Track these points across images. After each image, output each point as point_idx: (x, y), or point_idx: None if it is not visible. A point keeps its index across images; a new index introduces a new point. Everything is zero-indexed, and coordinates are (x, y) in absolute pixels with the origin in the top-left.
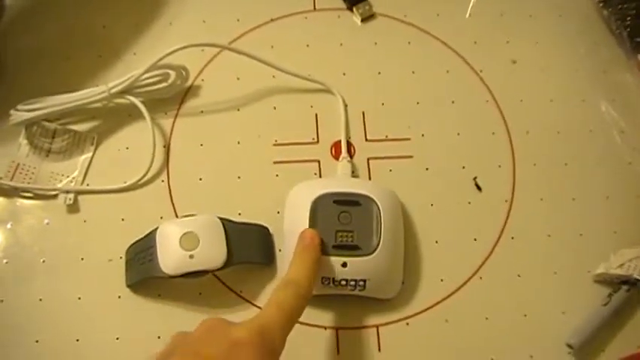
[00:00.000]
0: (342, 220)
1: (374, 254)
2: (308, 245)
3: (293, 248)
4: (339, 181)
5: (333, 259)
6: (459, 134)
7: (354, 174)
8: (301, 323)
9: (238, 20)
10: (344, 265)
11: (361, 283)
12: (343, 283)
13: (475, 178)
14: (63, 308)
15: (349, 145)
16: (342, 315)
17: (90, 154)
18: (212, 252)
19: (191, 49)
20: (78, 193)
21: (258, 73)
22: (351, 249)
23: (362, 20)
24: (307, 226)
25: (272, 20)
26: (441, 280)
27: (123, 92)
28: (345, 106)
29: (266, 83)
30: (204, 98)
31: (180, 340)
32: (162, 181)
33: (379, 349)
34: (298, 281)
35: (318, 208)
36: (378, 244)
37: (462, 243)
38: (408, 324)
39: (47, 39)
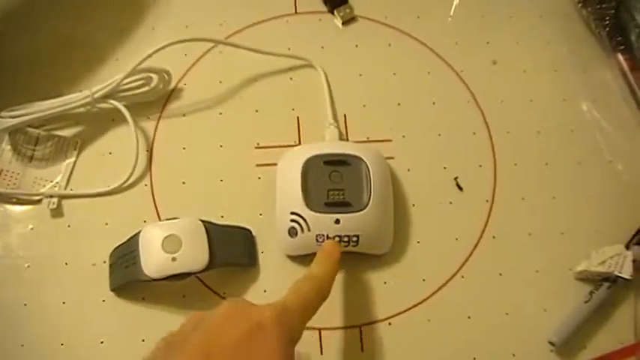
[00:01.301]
0: (333, 179)
1: (365, 210)
2: (332, 251)
3: (285, 217)
4: (327, 144)
5: (326, 216)
6: (440, 135)
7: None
8: None
9: (221, 25)
10: (337, 221)
11: (354, 238)
12: (337, 239)
13: (456, 178)
14: (48, 313)
15: None
16: (325, 315)
17: (73, 159)
18: (194, 254)
19: (174, 53)
20: (61, 197)
21: (240, 76)
22: (343, 206)
23: (343, 23)
24: (300, 188)
25: (254, 24)
26: (423, 280)
27: (106, 97)
28: (327, 77)
29: (248, 86)
30: (187, 102)
31: (199, 318)
32: (146, 185)
33: (362, 349)
34: (319, 277)
35: (309, 169)
36: (368, 201)
37: (444, 243)
38: (390, 324)
39: (31, 46)
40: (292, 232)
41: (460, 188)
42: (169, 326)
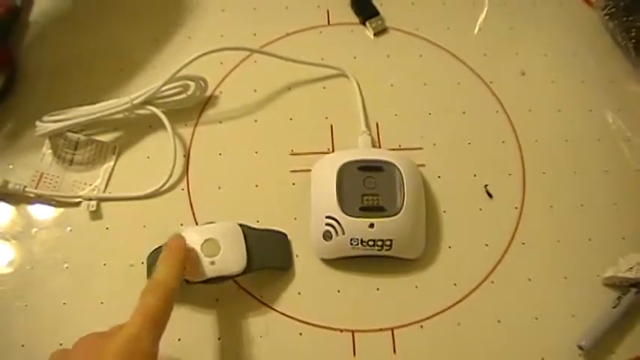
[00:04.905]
0: (367, 185)
1: (399, 215)
2: (175, 247)
3: (321, 221)
4: (361, 150)
5: (360, 220)
6: (469, 143)
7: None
8: (318, 326)
9: (255, 35)
10: (371, 226)
11: (388, 242)
12: (371, 243)
13: (486, 186)
14: (86, 312)
15: None
16: (357, 318)
17: (112, 163)
18: (233, 258)
19: (210, 62)
20: (100, 200)
21: (275, 85)
22: (377, 210)
23: (375, 34)
24: (335, 192)
25: (287, 34)
26: (454, 285)
27: (145, 103)
28: (359, 87)
29: (282, 95)
30: (223, 109)
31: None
32: (183, 189)
33: (394, 351)
34: (165, 282)
35: (344, 175)
36: (402, 205)
37: (474, 248)
38: (422, 327)
39: (70, 53)
40: (327, 236)
41: (490, 195)
42: (204, 327)
